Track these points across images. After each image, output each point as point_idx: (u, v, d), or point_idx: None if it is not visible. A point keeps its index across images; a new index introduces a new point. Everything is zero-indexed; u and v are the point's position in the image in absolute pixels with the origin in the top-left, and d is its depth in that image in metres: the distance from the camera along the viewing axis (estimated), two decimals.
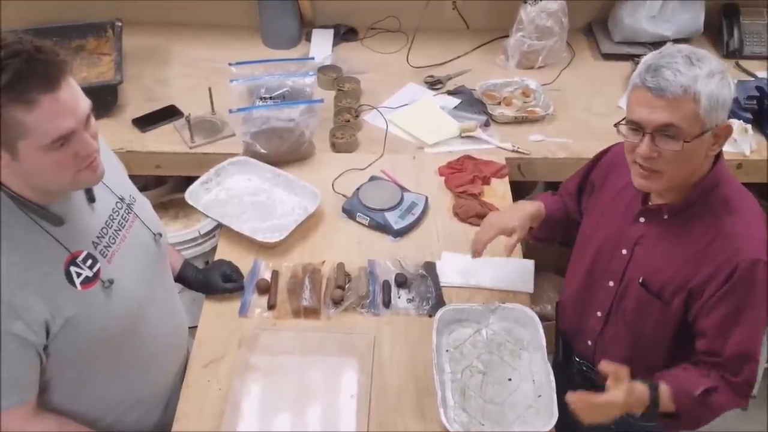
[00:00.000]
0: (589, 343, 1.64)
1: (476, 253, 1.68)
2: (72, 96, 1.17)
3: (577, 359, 1.70)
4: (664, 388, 1.39)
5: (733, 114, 2.30)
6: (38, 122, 1.14)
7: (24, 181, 1.22)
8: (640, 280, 1.48)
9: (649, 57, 1.34)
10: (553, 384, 1.51)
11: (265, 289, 1.77)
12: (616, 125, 1.41)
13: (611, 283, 1.55)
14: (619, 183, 1.54)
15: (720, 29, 2.62)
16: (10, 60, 1.10)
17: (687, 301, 1.43)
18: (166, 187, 2.53)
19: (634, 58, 2.53)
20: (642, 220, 1.49)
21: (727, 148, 2.22)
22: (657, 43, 2.52)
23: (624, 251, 1.51)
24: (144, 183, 2.42)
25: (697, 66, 1.29)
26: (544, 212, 1.72)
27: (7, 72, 1.10)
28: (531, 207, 1.72)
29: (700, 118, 1.29)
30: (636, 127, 1.34)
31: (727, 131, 1.36)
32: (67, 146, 1.18)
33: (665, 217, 1.45)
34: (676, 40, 2.56)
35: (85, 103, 1.20)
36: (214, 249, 1.98)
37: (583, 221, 1.67)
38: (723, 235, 1.38)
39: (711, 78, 1.29)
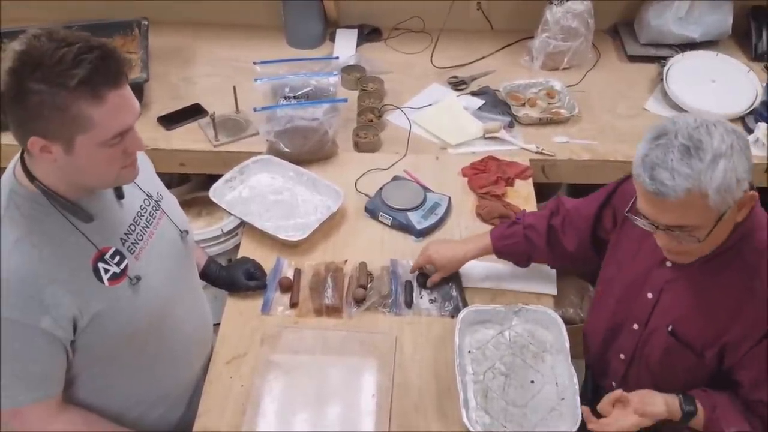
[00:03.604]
0: (613, 384, 1.60)
1: (411, 272, 1.78)
2: (130, 93, 1.20)
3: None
4: (700, 413, 1.37)
5: (761, 117, 2.27)
6: (103, 117, 1.15)
7: (64, 176, 1.23)
8: (669, 329, 1.41)
9: (645, 144, 1.21)
10: (577, 387, 1.50)
11: (288, 287, 1.77)
12: (627, 212, 1.33)
13: (635, 326, 1.49)
14: None
15: (748, 32, 2.58)
16: (86, 55, 1.11)
17: (721, 354, 1.37)
18: (190, 185, 2.55)
19: (660, 60, 2.51)
20: (669, 264, 1.40)
21: (755, 152, 2.18)
22: (684, 45, 2.53)
23: (650, 295, 1.44)
24: (168, 181, 2.43)
25: (696, 157, 1.16)
26: (491, 250, 1.72)
27: (83, 67, 1.11)
28: (473, 252, 1.73)
29: (712, 209, 1.20)
30: (648, 219, 1.26)
31: (752, 199, 1.25)
32: (121, 143, 1.21)
33: (693, 265, 1.36)
34: (704, 43, 2.54)
35: (137, 101, 1.22)
36: (236, 247, 1.99)
37: (608, 254, 1.58)
38: (756, 292, 1.30)
39: (716, 165, 1.16)
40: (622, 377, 1.56)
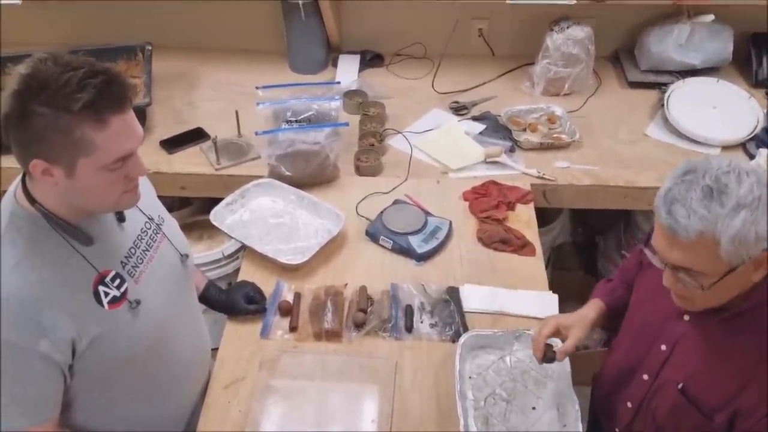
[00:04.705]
0: (617, 430, 1.55)
1: (537, 351, 1.48)
2: (134, 118, 1.21)
3: None
4: None
5: (762, 143, 2.27)
6: (106, 141, 1.16)
7: (65, 200, 1.23)
8: (680, 386, 1.35)
9: (672, 178, 1.18)
10: (579, 414, 1.48)
11: (287, 311, 1.76)
12: (644, 246, 1.30)
13: (645, 377, 1.43)
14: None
15: (749, 58, 2.59)
16: (91, 79, 1.12)
17: (731, 420, 1.30)
18: (191, 209, 2.55)
19: (661, 86, 2.52)
20: (687, 317, 1.35)
21: None
22: (684, 72, 2.54)
23: (663, 347, 1.39)
24: (170, 204, 2.44)
25: (717, 201, 1.11)
26: (604, 308, 1.58)
27: (88, 91, 1.12)
28: (592, 311, 1.56)
29: (722, 260, 1.15)
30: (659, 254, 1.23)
31: None
32: (123, 167, 1.21)
33: (713, 322, 1.30)
34: (704, 69, 2.55)
35: (140, 127, 1.23)
36: (237, 271, 1.98)
37: (630, 300, 1.53)
38: None
39: (736, 214, 1.11)
40: (627, 425, 1.51)
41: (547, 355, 1.47)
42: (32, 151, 1.15)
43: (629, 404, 1.49)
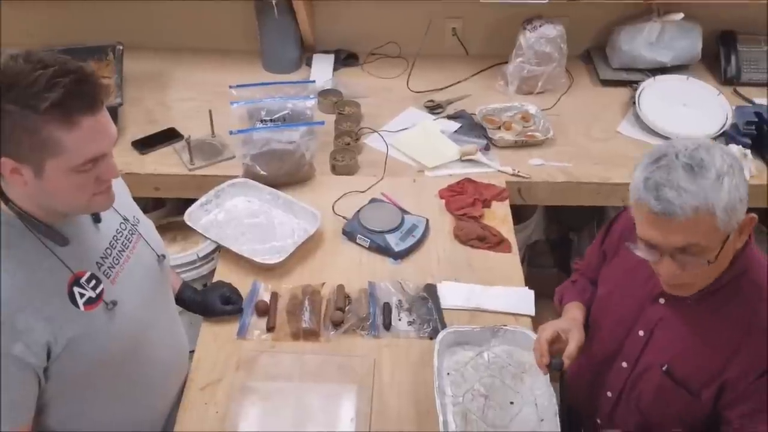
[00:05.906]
0: (598, 421, 1.57)
1: (543, 357, 1.42)
2: (107, 119, 1.19)
3: None
4: None
5: (731, 139, 2.31)
6: (75, 143, 1.14)
7: (36, 200, 1.21)
8: (665, 368, 1.36)
9: (644, 168, 1.19)
10: (556, 408, 1.49)
11: (264, 311, 1.75)
12: (626, 243, 1.29)
13: (624, 364, 1.45)
14: (634, 255, 1.32)
15: (718, 56, 2.64)
16: (60, 78, 1.10)
17: (718, 393, 1.33)
18: (165, 210, 2.52)
19: (632, 84, 2.55)
20: (662, 301, 1.38)
21: None
22: (655, 70, 2.57)
23: (641, 332, 1.41)
24: (143, 205, 2.40)
25: (701, 175, 1.14)
26: (585, 309, 1.59)
27: (56, 90, 1.09)
28: (578, 314, 1.56)
29: (720, 229, 1.17)
30: (652, 246, 1.23)
31: (751, 222, 1.23)
32: (94, 169, 1.19)
33: (689, 302, 1.33)
34: (674, 67, 2.59)
35: (114, 128, 1.21)
36: (212, 273, 1.97)
37: (597, 293, 1.56)
38: (758, 329, 1.27)
39: (720, 183, 1.14)
40: (608, 415, 1.53)
41: (553, 362, 1.42)
42: (1, 149, 1.13)
43: (609, 394, 1.51)
